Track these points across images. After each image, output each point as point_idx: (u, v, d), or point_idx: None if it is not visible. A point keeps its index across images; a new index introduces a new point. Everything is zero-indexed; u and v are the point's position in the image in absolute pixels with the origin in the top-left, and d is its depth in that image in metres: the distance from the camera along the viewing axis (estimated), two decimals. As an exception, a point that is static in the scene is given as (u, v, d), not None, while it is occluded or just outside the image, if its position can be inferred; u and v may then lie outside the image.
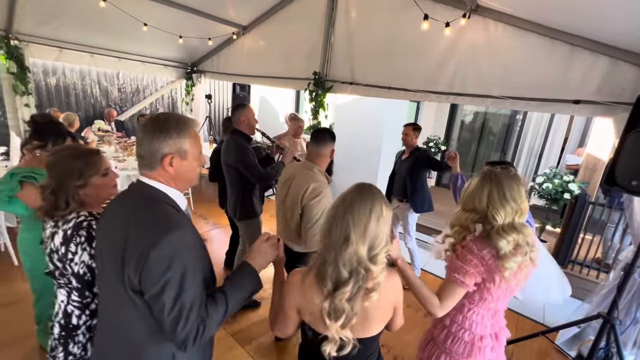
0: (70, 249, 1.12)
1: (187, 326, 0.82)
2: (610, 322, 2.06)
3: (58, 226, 1.16)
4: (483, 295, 1.24)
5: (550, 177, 3.50)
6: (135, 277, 0.82)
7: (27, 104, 4.31)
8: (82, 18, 4.14)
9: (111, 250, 0.90)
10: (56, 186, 1.14)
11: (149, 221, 0.87)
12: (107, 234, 0.95)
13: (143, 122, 1.05)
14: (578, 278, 3.41)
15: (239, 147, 2.37)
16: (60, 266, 1.15)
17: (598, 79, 2.59)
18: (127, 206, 0.94)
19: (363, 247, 0.91)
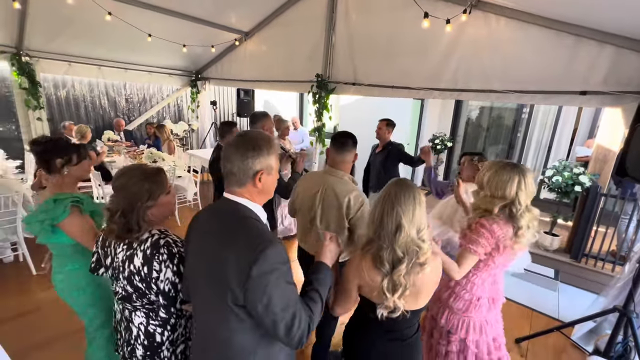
0: (155, 267, 1.12)
1: (300, 328, 0.91)
2: (626, 316, 2.03)
3: (134, 247, 1.15)
4: (487, 262, 1.50)
5: (560, 170, 3.44)
6: (240, 293, 0.86)
7: (39, 117, 4.44)
8: (88, 32, 4.25)
9: (209, 268, 0.93)
10: (127, 208, 1.12)
11: (245, 239, 0.89)
12: (202, 252, 0.97)
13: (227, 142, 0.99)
14: (593, 272, 3.35)
15: None
16: (143, 287, 1.14)
17: (604, 69, 2.55)
18: (220, 224, 0.96)
19: (413, 230, 1.11)
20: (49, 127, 4.62)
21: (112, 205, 1.15)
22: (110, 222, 1.15)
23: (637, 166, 1.80)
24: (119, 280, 1.20)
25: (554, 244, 3.61)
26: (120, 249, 1.18)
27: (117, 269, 1.19)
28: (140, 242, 1.15)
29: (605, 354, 2.11)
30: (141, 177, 1.15)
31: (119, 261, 1.18)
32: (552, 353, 2.44)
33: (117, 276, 1.20)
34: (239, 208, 0.97)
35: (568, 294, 3.27)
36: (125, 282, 1.17)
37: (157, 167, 1.27)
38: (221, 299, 0.89)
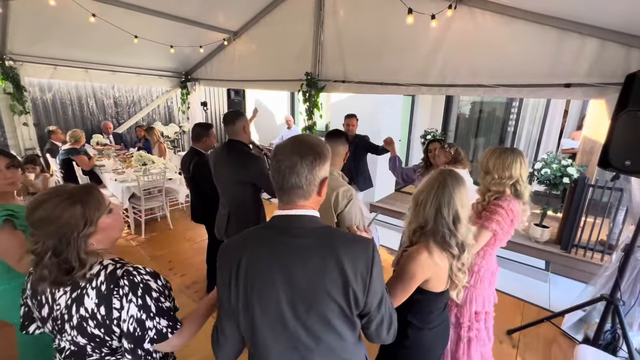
0: (114, 305, 0.91)
1: (394, 323, 0.94)
2: (613, 304, 2.07)
3: (81, 286, 0.92)
4: (501, 238, 1.67)
5: (548, 163, 3.49)
6: (362, 297, 0.83)
7: (25, 122, 4.36)
8: (73, 34, 4.18)
9: (307, 292, 0.82)
10: (59, 244, 0.89)
11: (350, 242, 0.85)
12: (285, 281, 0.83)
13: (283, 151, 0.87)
14: (582, 262, 3.40)
15: (258, 160, 2.16)
16: (101, 333, 0.92)
17: (588, 62, 2.58)
18: (309, 240, 0.85)
19: (466, 216, 1.23)
20: (35, 132, 4.55)
21: (38, 247, 0.89)
22: (39, 267, 0.89)
23: (620, 156, 1.83)
24: (64, 333, 0.94)
25: (544, 235, 3.66)
26: (60, 293, 0.93)
27: (59, 319, 0.93)
28: (90, 279, 0.92)
29: (594, 342, 2.15)
30: (69, 201, 0.91)
31: (60, 308, 0.93)
32: (543, 343, 2.48)
33: (61, 328, 0.94)
34: (313, 220, 0.88)
35: (558, 284, 3.32)
36: (75, 333, 0.93)
37: (85, 184, 1.08)
38: (326, 321, 0.83)
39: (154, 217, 4.39)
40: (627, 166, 1.78)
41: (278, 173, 0.86)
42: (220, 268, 0.90)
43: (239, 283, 0.85)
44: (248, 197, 2.20)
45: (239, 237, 0.93)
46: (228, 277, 0.87)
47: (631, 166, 1.77)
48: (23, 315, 1.03)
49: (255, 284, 0.84)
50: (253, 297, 0.84)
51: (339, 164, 1.83)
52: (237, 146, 2.19)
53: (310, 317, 0.83)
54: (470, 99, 6.96)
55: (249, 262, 0.85)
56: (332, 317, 0.83)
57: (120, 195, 3.96)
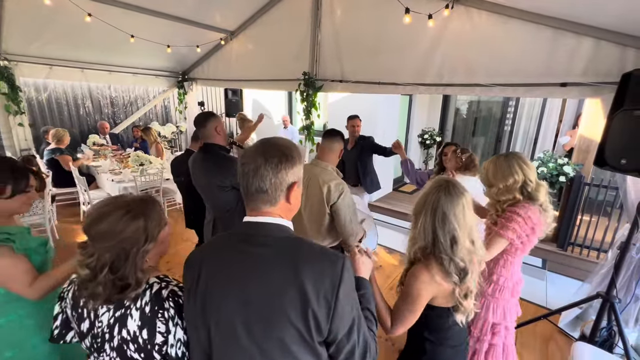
0: (159, 329, 0.85)
1: (372, 350, 0.82)
2: (609, 301, 2.08)
3: (125, 305, 0.86)
4: (524, 246, 1.59)
5: (545, 161, 3.51)
6: (326, 323, 0.73)
7: (20, 123, 4.33)
8: (69, 34, 4.15)
9: (264, 312, 0.73)
10: (118, 259, 0.83)
11: (317, 259, 0.75)
12: (242, 298, 0.75)
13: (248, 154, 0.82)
14: (579, 259, 3.43)
15: (235, 161, 2.05)
16: (140, 358, 0.86)
17: (583, 61, 2.60)
18: (268, 251, 0.77)
19: (467, 240, 1.09)
20: (31, 133, 4.51)
21: (92, 261, 0.83)
22: (92, 283, 0.83)
23: (616, 155, 1.84)
24: (102, 353, 0.88)
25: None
26: (104, 310, 0.88)
27: (99, 336, 0.87)
28: (136, 298, 0.86)
29: (591, 339, 2.17)
30: (132, 215, 0.86)
31: (102, 326, 0.87)
32: (540, 341, 2.50)
33: (101, 347, 0.88)
34: (280, 228, 0.81)
35: (555, 282, 3.34)
36: (115, 355, 0.87)
37: (144, 195, 0.97)
38: (282, 344, 0.73)
39: (152, 218, 4.38)
40: (623, 165, 1.79)
41: (242, 176, 0.80)
42: (184, 272, 0.84)
43: (198, 291, 0.79)
44: (231, 201, 2.07)
45: (205, 244, 0.89)
46: (190, 283, 0.81)
47: (627, 165, 1.79)
48: (60, 324, 0.96)
49: (211, 297, 0.77)
50: (208, 312, 0.77)
51: (334, 161, 1.97)
52: (212, 150, 2.06)
53: (267, 341, 0.74)
54: (467, 98, 6.98)
55: (207, 271, 0.79)
56: (291, 342, 0.73)
57: (117, 195, 3.95)
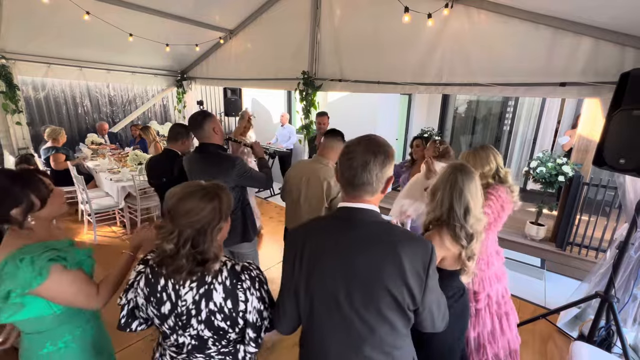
0: (240, 298, 0.97)
1: (447, 316, 1.01)
2: (607, 301, 2.08)
3: (208, 282, 0.96)
4: (497, 221, 1.80)
5: (544, 161, 3.51)
6: (419, 295, 0.87)
7: (18, 121, 4.31)
8: (67, 32, 4.13)
9: (366, 283, 0.86)
10: (197, 237, 0.93)
11: (411, 240, 0.89)
12: (348, 270, 0.87)
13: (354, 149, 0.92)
14: (577, 259, 3.43)
15: (236, 160, 2.04)
16: (226, 325, 0.98)
17: (583, 60, 2.60)
18: (371, 233, 0.90)
19: (477, 210, 1.32)
20: (29, 132, 4.50)
21: (174, 237, 0.91)
22: (175, 258, 0.92)
23: (614, 155, 1.84)
24: (188, 329, 0.98)
25: (540, 233, 3.68)
26: (186, 290, 0.96)
27: (184, 314, 0.96)
28: (216, 274, 0.97)
29: (589, 339, 2.17)
30: (210, 195, 0.96)
31: (187, 304, 0.96)
32: (539, 340, 2.50)
33: (186, 323, 0.97)
34: (374, 214, 0.92)
35: (554, 281, 3.34)
36: (203, 327, 0.97)
37: (214, 182, 1.04)
38: (379, 312, 0.86)
39: (150, 217, 4.36)
40: (622, 164, 1.79)
41: (350, 169, 0.90)
42: (286, 251, 0.99)
43: (302, 264, 0.92)
44: (236, 200, 2.08)
45: (304, 225, 1.01)
46: (293, 255, 0.94)
47: (625, 164, 1.78)
48: (126, 314, 1.03)
49: (316, 269, 0.90)
50: (313, 280, 0.91)
51: (335, 158, 2.00)
52: (210, 150, 2.03)
53: (366, 308, 0.87)
54: (467, 97, 6.99)
55: (312, 247, 0.92)
56: (387, 309, 0.86)
57: (116, 194, 3.93)
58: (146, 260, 1.03)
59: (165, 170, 2.34)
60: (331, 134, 2.10)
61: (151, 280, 0.98)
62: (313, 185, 1.99)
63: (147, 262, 1.02)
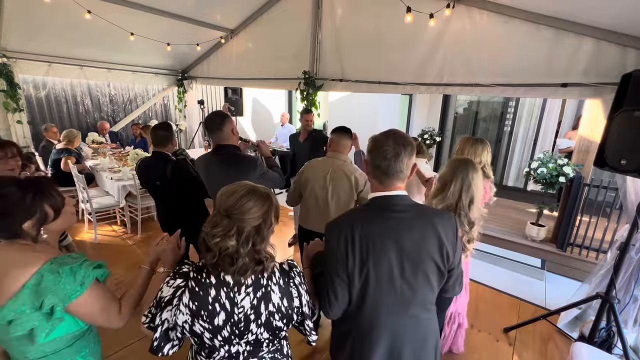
0: (294, 294, 0.99)
1: (462, 281, 1.20)
2: (608, 302, 2.08)
3: (264, 284, 0.95)
4: None
5: (544, 162, 3.51)
6: (452, 256, 1.06)
7: (19, 120, 4.32)
8: (68, 31, 4.14)
9: (415, 256, 1.03)
10: (255, 235, 0.91)
11: (440, 213, 1.10)
12: (401, 249, 1.02)
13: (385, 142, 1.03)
14: (578, 260, 3.43)
15: (257, 161, 2.03)
16: (283, 324, 0.98)
17: (584, 61, 2.60)
18: (410, 212, 1.06)
19: (479, 201, 1.54)
20: (30, 130, 4.50)
21: (234, 234, 0.89)
22: (235, 258, 0.89)
23: (616, 155, 1.84)
24: (245, 335, 0.95)
25: (540, 234, 3.68)
26: (242, 296, 0.93)
27: (242, 321, 0.93)
28: (270, 275, 0.96)
29: (590, 340, 2.17)
30: (264, 196, 0.95)
31: (244, 310, 0.93)
32: (539, 341, 2.50)
33: (245, 329, 0.94)
34: (406, 198, 1.07)
35: (554, 282, 3.34)
36: (262, 329, 0.96)
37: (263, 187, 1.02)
38: (426, 277, 1.05)
39: (151, 216, 4.36)
40: (623, 165, 1.79)
41: (385, 160, 1.03)
42: (333, 241, 1.04)
43: (355, 251, 1.01)
44: None
45: (344, 216, 1.10)
46: (344, 248, 1.02)
47: (627, 165, 1.78)
48: (159, 336, 0.93)
49: (370, 251, 1.01)
50: (369, 261, 1.01)
51: (347, 153, 2.20)
52: (230, 152, 2.01)
53: (415, 276, 1.04)
54: (467, 98, 6.99)
55: (362, 234, 1.01)
56: (431, 273, 1.05)
57: (117, 194, 3.93)
58: (184, 274, 0.95)
59: (159, 174, 2.25)
60: (342, 132, 2.19)
61: (199, 293, 0.91)
62: (340, 181, 2.07)
63: (187, 275, 0.94)
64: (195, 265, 0.99)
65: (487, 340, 2.46)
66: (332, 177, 2.09)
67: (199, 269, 0.95)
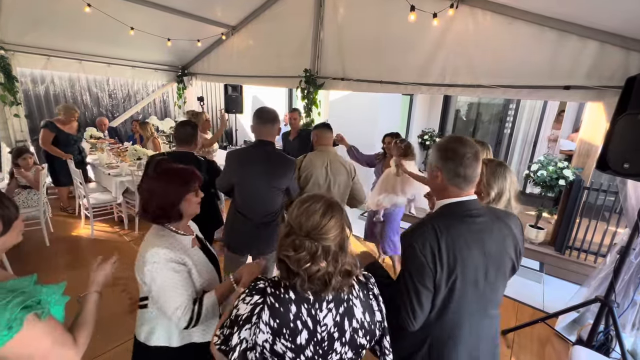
0: (374, 307, 0.94)
1: None
2: (607, 306, 2.08)
3: (345, 299, 0.89)
4: None
5: (544, 165, 3.50)
6: (521, 250, 1.14)
7: (16, 114, 4.26)
8: (68, 25, 4.09)
9: (495, 258, 1.07)
10: (339, 252, 0.86)
11: (511, 217, 1.16)
12: (482, 251, 1.05)
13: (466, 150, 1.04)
14: (576, 263, 3.43)
15: (295, 162, 2.07)
16: (366, 341, 0.92)
17: (587, 64, 2.59)
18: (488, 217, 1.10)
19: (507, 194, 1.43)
20: (27, 124, 4.45)
21: (321, 254, 0.84)
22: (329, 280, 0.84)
23: (618, 159, 1.83)
24: (330, 355, 0.89)
25: (539, 237, 3.68)
26: (324, 313, 0.87)
27: (325, 340, 0.87)
28: (350, 289, 0.91)
29: (588, 343, 2.17)
30: (338, 209, 0.90)
31: (328, 328, 0.87)
32: (537, 344, 2.49)
33: (328, 350, 0.88)
34: (477, 202, 1.11)
35: (552, 285, 3.34)
36: (347, 348, 0.90)
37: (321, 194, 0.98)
38: (505, 276, 1.12)
39: (148, 213, 4.33)
40: (626, 169, 1.79)
41: (467, 167, 1.04)
42: (417, 252, 1.02)
43: (443, 260, 1.01)
44: (279, 203, 2.06)
45: (423, 226, 1.05)
46: (432, 258, 1.00)
47: (629, 169, 1.78)
48: (237, 357, 0.87)
49: (458, 260, 1.02)
50: (456, 269, 1.02)
51: (331, 145, 2.37)
52: (272, 149, 1.97)
53: (497, 277, 1.08)
54: (468, 99, 6.98)
55: (448, 243, 1.01)
56: (508, 272, 1.12)
57: (114, 190, 3.90)
58: (261, 290, 0.89)
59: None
60: (326, 127, 2.37)
61: (279, 309, 0.85)
62: (339, 170, 2.27)
63: (264, 291, 0.88)
64: (270, 280, 0.92)
65: (485, 342, 2.46)
66: (330, 168, 2.24)
67: (275, 284, 0.89)
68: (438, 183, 1.09)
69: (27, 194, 3.46)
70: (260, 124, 1.93)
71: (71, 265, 3.25)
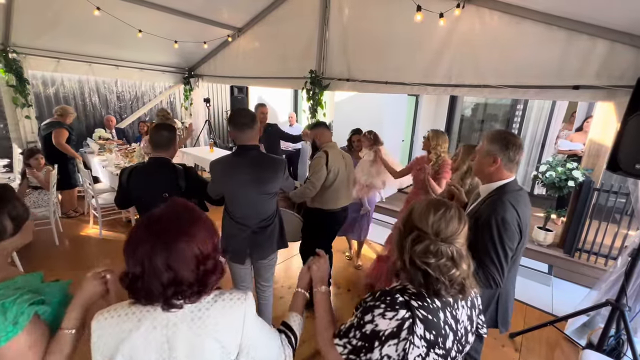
0: (476, 302, 0.96)
1: None
2: (619, 309, 2.04)
3: (451, 305, 0.88)
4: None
5: (553, 166, 3.45)
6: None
7: (27, 115, 4.35)
8: (77, 28, 4.16)
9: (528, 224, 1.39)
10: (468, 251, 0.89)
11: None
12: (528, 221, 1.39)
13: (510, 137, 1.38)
14: (586, 266, 3.37)
15: (284, 163, 2.00)
16: (470, 341, 0.93)
17: (597, 63, 2.55)
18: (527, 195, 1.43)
19: None
20: (37, 126, 4.53)
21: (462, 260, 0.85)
22: (464, 283, 0.85)
23: (630, 160, 1.80)
24: (464, 348, 0.91)
25: (548, 239, 3.62)
26: (460, 310, 0.89)
27: (463, 335, 0.90)
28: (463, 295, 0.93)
29: (599, 348, 2.12)
30: (459, 208, 0.92)
31: (464, 323, 0.90)
32: (546, 347, 2.45)
33: (464, 344, 0.90)
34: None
35: (561, 288, 3.29)
36: (473, 337, 0.95)
37: None
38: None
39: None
40: (638, 170, 1.75)
41: (519, 154, 1.38)
42: (510, 225, 1.28)
43: (521, 226, 1.31)
44: (274, 206, 1.98)
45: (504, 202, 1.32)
46: (517, 226, 1.30)
47: (641, 170, 1.74)
48: None
49: (525, 222, 1.34)
50: (525, 230, 1.34)
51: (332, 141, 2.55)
52: (256, 153, 1.87)
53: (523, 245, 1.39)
54: (474, 100, 6.92)
55: (520, 214, 1.31)
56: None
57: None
58: (403, 303, 0.83)
59: (166, 184, 1.86)
60: (324, 126, 2.58)
61: (433, 320, 0.83)
62: (349, 162, 2.59)
63: (408, 304, 0.83)
64: (406, 290, 0.87)
65: (493, 345, 2.42)
66: (344, 161, 2.52)
67: (417, 295, 0.85)
68: (495, 167, 1.37)
69: (37, 195, 3.52)
70: (237, 130, 1.81)
71: (78, 265, 3.30)
